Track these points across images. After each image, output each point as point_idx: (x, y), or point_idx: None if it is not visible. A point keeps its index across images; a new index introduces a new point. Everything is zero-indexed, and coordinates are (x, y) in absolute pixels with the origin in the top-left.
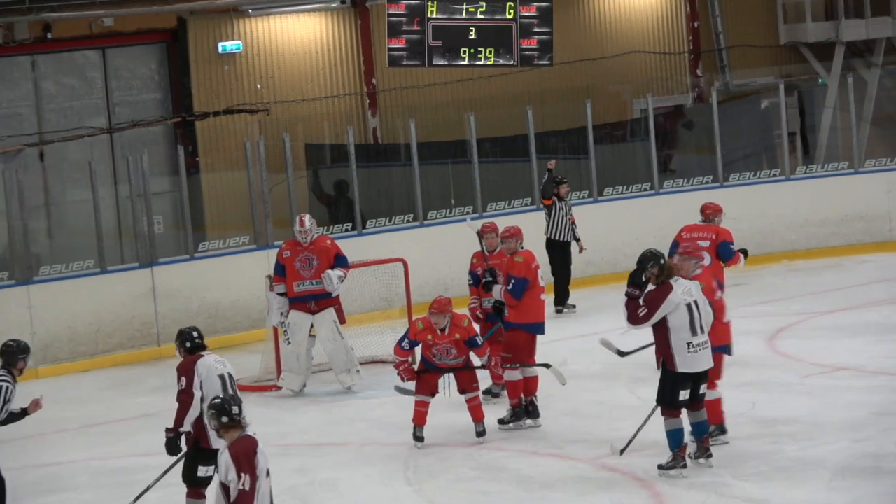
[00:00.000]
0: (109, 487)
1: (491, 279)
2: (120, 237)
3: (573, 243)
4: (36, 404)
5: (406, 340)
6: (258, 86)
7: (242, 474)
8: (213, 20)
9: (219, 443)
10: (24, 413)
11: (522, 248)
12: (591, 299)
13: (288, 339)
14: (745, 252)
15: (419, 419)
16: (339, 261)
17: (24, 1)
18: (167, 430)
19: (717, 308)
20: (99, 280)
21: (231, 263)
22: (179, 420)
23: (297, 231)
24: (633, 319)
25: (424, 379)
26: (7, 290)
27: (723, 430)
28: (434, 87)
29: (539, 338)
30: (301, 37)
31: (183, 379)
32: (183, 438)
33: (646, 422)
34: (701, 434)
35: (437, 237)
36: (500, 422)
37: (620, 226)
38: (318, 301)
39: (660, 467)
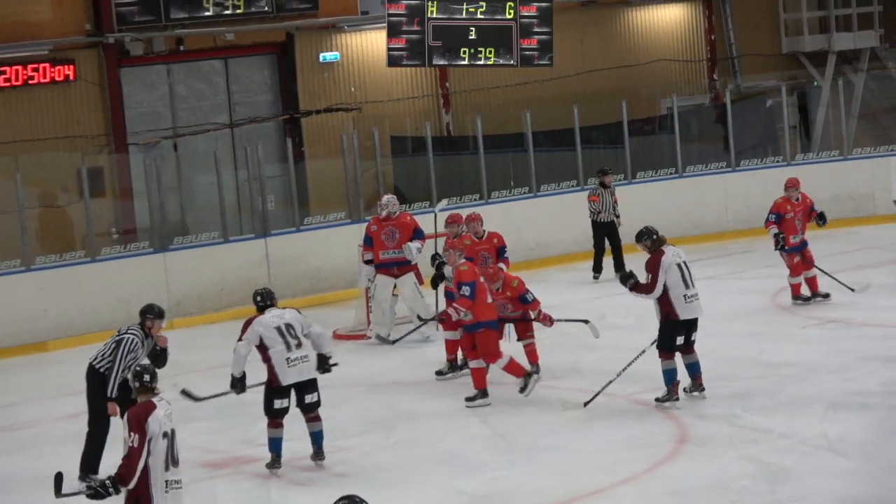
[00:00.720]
0: (232, 417)
1: (441, 261)
2: (239, 213)
3: (615, 219)
4: (162, 339)
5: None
6: (352, 88)
7: (132, 433)
8: (315, 35)
9: (287, 380)
10: (163, 351)
11: (464, 231)
12: (627, 264)
13: (373, 297)
14: (776, 237)
15: None
16: (417, 234)
17: (161, 19)
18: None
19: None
20: (222, 248)
21: (330, 234)
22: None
23: (379, 205)
24: (647, 290)
25: None
26: (147, 256)
27: (484, 395)
28: (496, 88)
29: (584, 296)
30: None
31: (240, 333)
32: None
33: (622, 371)
34: (695, 372)
35: (499, 213)
36: (438, 373)
37: (650, 203)
38: (399, 267)
39: (656, 400)
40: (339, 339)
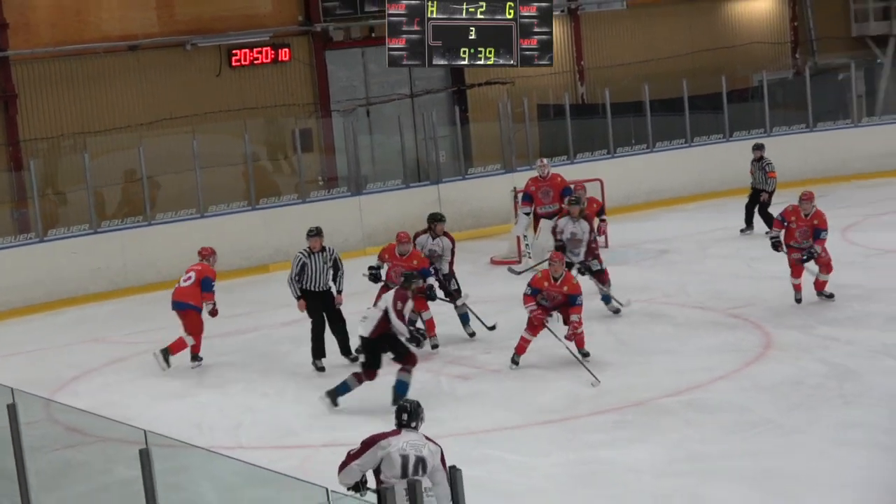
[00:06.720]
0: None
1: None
2: (417, 165)
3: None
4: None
5: None
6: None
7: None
8: None
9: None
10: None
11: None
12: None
13: (529, 243)
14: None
15: None
16: (565, 191)
17: (357, 12)
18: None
19: None
20: (404, 192)
21: (488, 182)
22: None
23: (538, 166)
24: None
25: None
26: (345, 199)
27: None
28: (621, 66)
29: (690, 231)
30: None
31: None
32: None
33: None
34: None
35: (622, 164)
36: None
37: (743, 157)
38: (550, 217)
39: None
40: (495, 265)
